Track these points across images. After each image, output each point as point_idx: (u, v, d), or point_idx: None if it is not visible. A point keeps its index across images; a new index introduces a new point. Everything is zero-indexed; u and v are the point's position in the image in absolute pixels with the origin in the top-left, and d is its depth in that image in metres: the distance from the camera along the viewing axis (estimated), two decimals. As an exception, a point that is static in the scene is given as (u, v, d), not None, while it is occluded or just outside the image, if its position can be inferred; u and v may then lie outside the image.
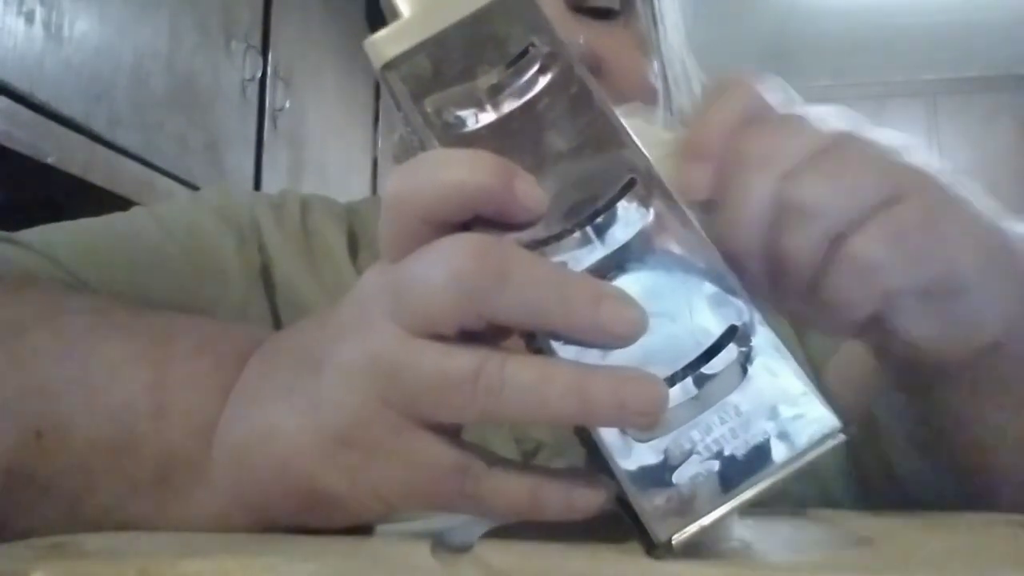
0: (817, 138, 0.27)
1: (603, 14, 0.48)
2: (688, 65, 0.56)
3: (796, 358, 0.24)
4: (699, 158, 0.27)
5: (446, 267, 0.22)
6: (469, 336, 0.23)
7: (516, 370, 0.22)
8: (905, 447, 0.40)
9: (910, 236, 0.26)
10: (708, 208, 0.27)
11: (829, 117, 0.28)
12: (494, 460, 0.24)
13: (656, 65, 0.51)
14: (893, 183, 0.26)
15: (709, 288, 0.24)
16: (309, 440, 0.25)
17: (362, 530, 0.28)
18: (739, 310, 0.24)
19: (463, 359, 0.22)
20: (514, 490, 0.24)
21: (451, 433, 0.24)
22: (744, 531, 0.26)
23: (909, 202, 0.26)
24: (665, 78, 0.53)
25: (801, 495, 0.40)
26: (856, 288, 0.27)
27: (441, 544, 0.25)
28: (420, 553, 0.23)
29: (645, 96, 0.49)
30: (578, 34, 0.45)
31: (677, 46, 0.55)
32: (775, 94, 0.28)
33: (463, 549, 0.24)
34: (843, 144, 0.27)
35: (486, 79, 0.26)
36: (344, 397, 0.24)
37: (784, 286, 0.27)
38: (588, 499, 0.23)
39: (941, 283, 0.27)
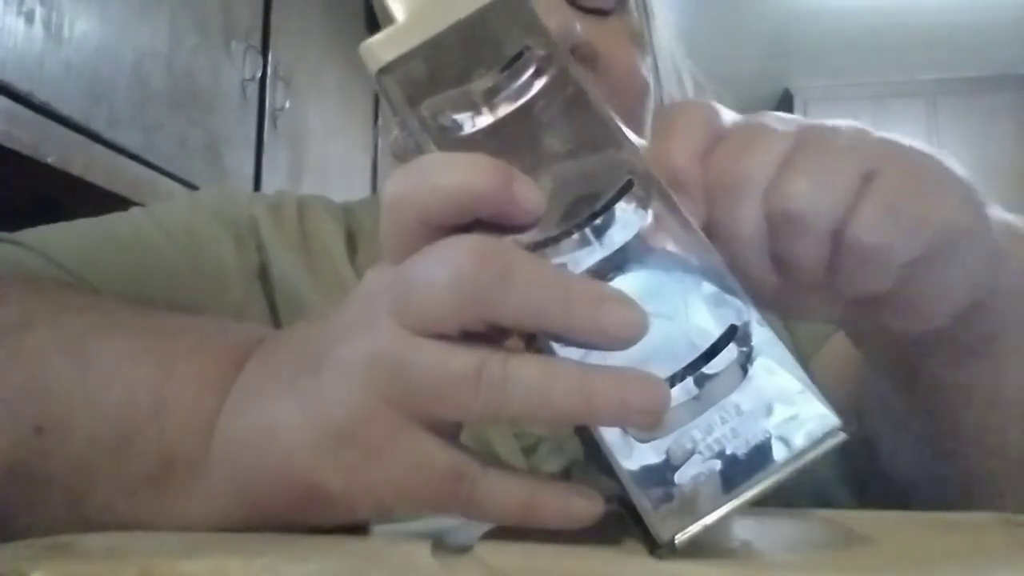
0: (780, 142, 0.27)
1: (597, 12, 0.49)
2: (677, 59, 0.57)
3: (797, 358, 0.24)
4: (681, 189, 0.27)
5: (448, 268, 0.22)
6: (471, 337, 0.23)
7: (518, 369, 0.22)
8: (893, 437, 0.40)
9: (901, 205, 0.26)
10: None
11: (780, 119, 0.28)
12: (491, 464, 0.24)
13: (648, 59, 0.52)
14: (865, 159, 0.27)
15: (708, 288, 0.24)
16: (308, 437, 0.25)
17: (361, 530, 0.28)
18: (739, 310, 0.24)
19: (465, 357, 0.23)
20: (510, 496, 0.24)
21: (450, 435, 0.24)
22: (744, 531, 0.26)
23: (887, 172, 0.27)
24: (656, 71, 0.54)
25: (798, 495, 0.40)
26: (869, 273, 0.27)
27: (441, 544, 0.25)
28: (420, 553, 0.23)
29: (638, 89, 0.50)
30: (574, 23, 0.45)
31: (667, 40, 0.56)
32: (723, 111, 0.29)
33: (463, 549, 0.24)
34: (806, 139, 0.27)
35: (482, 82, 0.26)
36: (344, 395, 0.24)
37: (796, 288, 0.28)
38: (584, 507, 0.23)
39: (939, 243, 0.27)
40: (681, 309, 0.24)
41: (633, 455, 0.23)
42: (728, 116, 0.29)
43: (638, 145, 0.26)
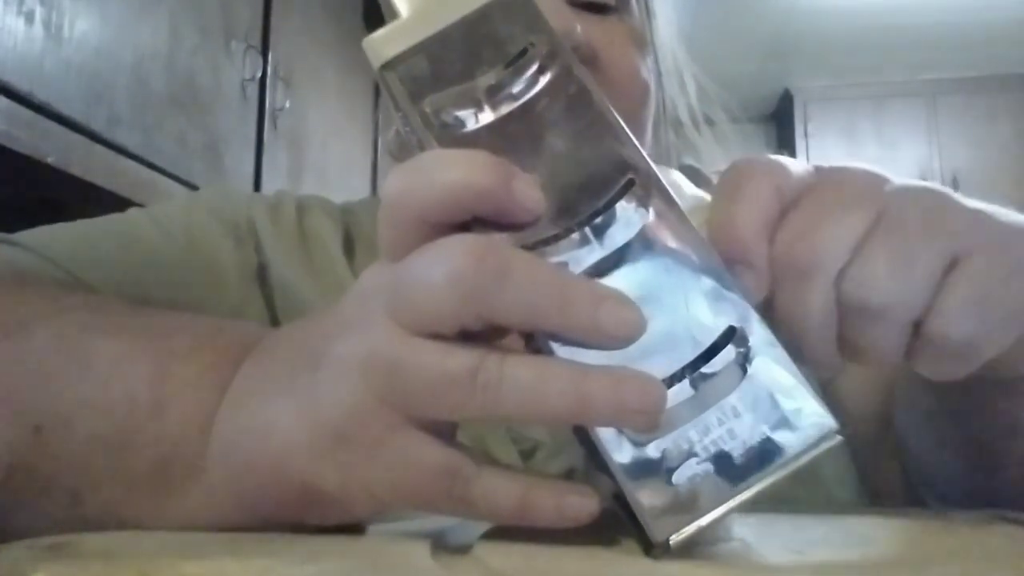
0: (856, 217, 0.25)
1: (598, 8, 0.48)
2: (679, 59, 0.57)
3: (794, 360, 0.24)
4: (745, 264, 0.25)
5: (446, 267, 0.22)
6: (468, 336, 0.23)
7: (515, 368, 0.22)
8: (926, 446, 0.39)
9: (989, 296, 0.25)
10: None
11: (857, 182, 0.27)
12: (485, 463, 0.24)
13: (649, 60, 0.51)
14: (950, 241, 0.25)
15: (708, 289, 0.24)
16: (304, 436, 0.25)
17: (359, 530, 0.28)
18: (737, 311, 0.24)
19: (462, 357, 0.22)
20: (504, 495, 0.24)
21: (445, 434, 0.24)
22: (744, 531, 0.26)
23: (974, 257, 0.25)
24: (658, 73, 0.53)
25: (803, 497, 0.40)
26: (951, 364, 0.26)
27: (441, 544, 0.25)
28: (420, 553, 0.23)
29: (638, 91, 0.50)
30: (574, 24, 0.45)
31: (668, 40, 0.55)
32: (792, 168, 0.27)
33: (463, 549, 0.24)
34: (884, 213, 0.25)
35: (485, 79, 0.26)
36: (340, 393, 0.24)
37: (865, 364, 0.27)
38: (579, 506, 0.23)
39: None
40: (680, 309, 0.24)
41: (629, 455, 0.23)
42: (798, 173, 0.27)
43: (697, 206, 0.25)
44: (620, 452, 0.23)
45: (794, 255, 0.25)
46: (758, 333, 0.24)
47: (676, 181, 0.27)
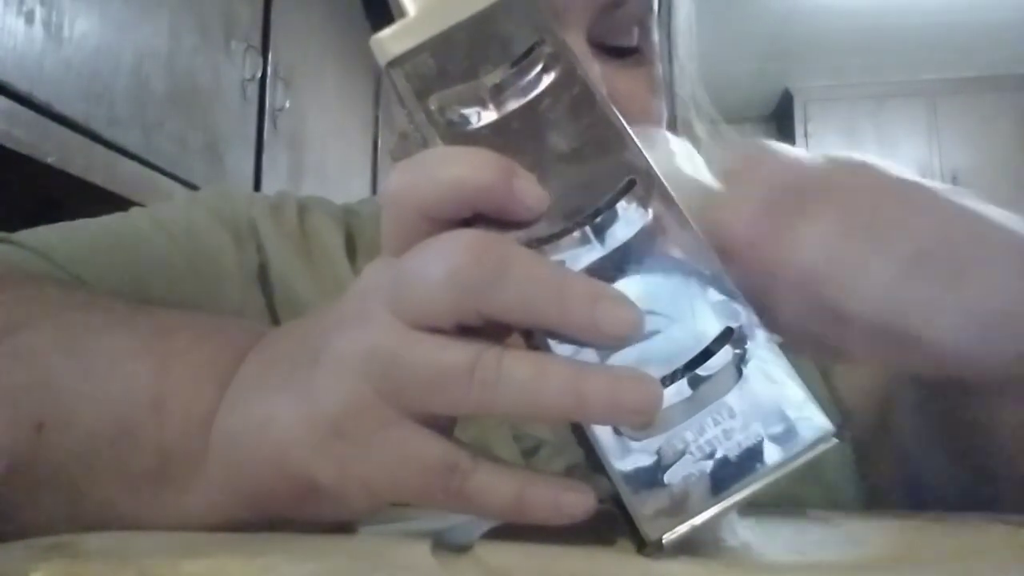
0: (830, 223, 0.27)
1: (621, 52, 0.47)
2: (699, 98, 0.56)
3: (792, 362, 0.24)
4: (735, 261, 0.26)
5: (445, 262, 0.22)
6: (467, 332, 0.23)
7: (512, 365, 0.22)
8: (925, 450, 0.39)
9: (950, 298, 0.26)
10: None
11: (847, 186, 0.28)
12: (483, 459, 0.24)
13: (664, 105, 0.51)
14: (911, 238, 0.27)
15: (706, 290, 0.24)
16: (302, 429, 0.25)
17: (356, 530, 0.28)
18: (736, 312, 0.24)
19: (459, 352, 0.23)
20: (501, 490, 0.24)
21: (443, 429, 0.24)
22: (744, 531, 0.26)
23: (938, 254, 0.26)
24: (674, 118, 0.53)
25: (804, 497, 0.40)
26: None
27: (441, 544, 0.25)
28: (420, 553, 0.23)
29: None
30: (593, 65, 0.44)
31: (690, 76, 0.55)
32: (794, 160, 0.28)
33: (463, 549, 0.24)
34: (855, 213, 0.27)
35: (490, 78, 0.26)
36: (339, 387, 0.24)
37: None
38: (576, 503, 0.23)
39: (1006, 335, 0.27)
40: (678, 310, 0.24)
41: (624, 454, 0.23)
42: (801, 165, 0.28)
43: (697, 188, 0.26)
44: (615, 452, 0.23)
45: (775, 262, 0.26)
46: (757, 335, 0.24)
47: (673, 148, 0.28)
